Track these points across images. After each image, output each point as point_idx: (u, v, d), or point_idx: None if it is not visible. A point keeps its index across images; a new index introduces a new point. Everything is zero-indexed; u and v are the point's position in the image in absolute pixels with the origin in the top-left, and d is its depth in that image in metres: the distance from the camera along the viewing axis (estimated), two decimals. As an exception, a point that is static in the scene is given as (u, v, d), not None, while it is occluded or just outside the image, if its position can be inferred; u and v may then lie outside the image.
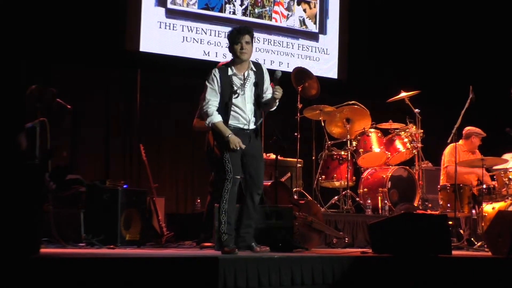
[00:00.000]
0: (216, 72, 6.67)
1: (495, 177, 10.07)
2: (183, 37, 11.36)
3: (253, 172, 6.77)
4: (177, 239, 8.86)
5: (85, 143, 10.68)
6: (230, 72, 6.69)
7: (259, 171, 6.82)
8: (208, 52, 11.52)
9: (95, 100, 10.87)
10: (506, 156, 10.30)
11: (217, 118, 6.59)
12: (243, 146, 6.61)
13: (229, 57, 6.90)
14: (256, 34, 11.72)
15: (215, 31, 11.64)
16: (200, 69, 9.92)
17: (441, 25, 13.30)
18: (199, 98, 8.19)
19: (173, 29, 11.28)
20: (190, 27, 11.43)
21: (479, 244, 9.22)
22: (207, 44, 11.55)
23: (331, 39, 12.76)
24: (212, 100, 6.60)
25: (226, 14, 11.79)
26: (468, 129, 10.29)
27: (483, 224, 9.37)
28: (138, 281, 5.09)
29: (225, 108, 6.60)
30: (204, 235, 7.95)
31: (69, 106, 8.39)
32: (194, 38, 11.45)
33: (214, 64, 8.46)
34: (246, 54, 6.69)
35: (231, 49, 6.70)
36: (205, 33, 11.54)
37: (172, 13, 11.27)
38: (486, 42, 13.45)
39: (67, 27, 10.35)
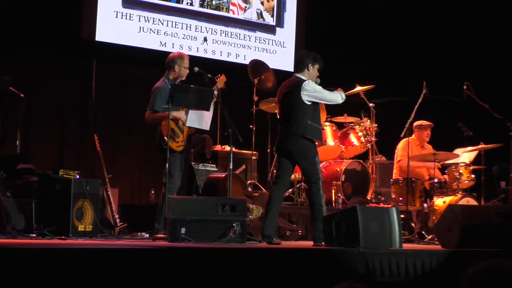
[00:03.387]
0: None
1: (446, 171, 10.21)
2: (140, 27, 11.30)
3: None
4: (130, 230, 8.85)
5: (38, 131, 10.58)
6: None
7: None
8: (165, 43, 11.48)
9: (49, 88, 10.75)
10: (458, 151, 10.43)
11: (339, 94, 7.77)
12: None
13: (185, 48, 6.92)
14: (213, 26, 11.90)
15: (172, 22, 11.60)
16: (156, 60, 9.93)
17: (396, 20, 13.39)
18: (151, 90, 8.22)
19: (130, 19, 11.22)
20: (147, 17, 11.37)
21: (429, 237, 9.32)
22: (164, 35, 11.50)
23: (288, 32, 12.80)
24: None
25: (183, 5, 11.75)
26: (414, 123, 10.39)
27: (434, 218, 9.49)
28: (89, 272, 5.06)
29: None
30: (157, 227, 7.93)
31: (22, 95, 8.32)
32: (150, 29, 11.40)
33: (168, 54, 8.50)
34: None
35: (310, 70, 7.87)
36: (162, 24, 11.50)
37: (128, 3, 11.21)
38: (440, 38, 13.58)
39: (24, 11, 10.25)
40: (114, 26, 11.09)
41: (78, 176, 8.18)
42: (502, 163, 11.57)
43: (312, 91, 7.66)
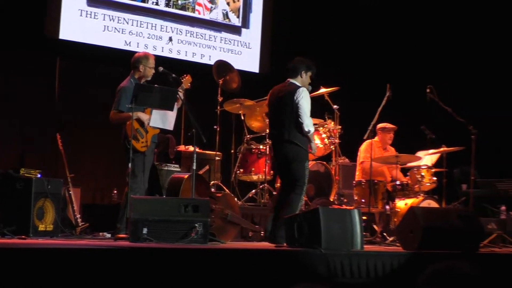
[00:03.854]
0: None
1: (408, 174, 10.28)
2: (104, 26, 11.25)
3: None
4: (92, 230, 8.80)
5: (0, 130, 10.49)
6: None
7: None
8: (130, 42, 11.44)
9: (12, 85, 10.64)
10: (420, 153, 10.51)
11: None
12: None
13: (150, 48, 6.92)
14: (178, 26, 11.87)
15: (137, 21, 11.56)
16: (121, 59, 9.88)
17: (360, 23, 13.46)
18: (116, 90, 8.19)
19: (94, 18, 11.17)
20: (112, 16, 11.32)
21: (391, 239, 9.38)
22: (129, 34, 11.46)
23: (253, 33, 12.82)
24: None
25: (148, 5, 11.72)
26: (378, 125, 10.46)
27: (395, 220, 9.56)
28: (49, 272, 5.03)
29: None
30: (119, 227, 7.90)
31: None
32: (115, 28, 11.35)
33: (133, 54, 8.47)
34: None
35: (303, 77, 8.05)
36: (127, 23, 11.45)
37: (93, 2, 11.15)
38: (404, 41, 13.67)
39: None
40: (78, 24, 11.03)
41: (39, 175, 8.10)
42: (463, 166, 11.67)
43: (300, 106, 7.78)
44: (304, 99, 7.77)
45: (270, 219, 7.91)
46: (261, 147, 10.25)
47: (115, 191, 9.96)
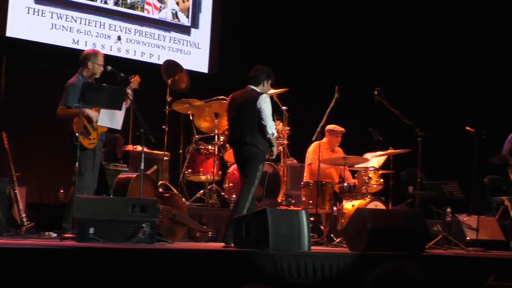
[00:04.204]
0: None
1: (356, 175, 10.36)
2: (52, 24, 11.13)
3: None
4: (38, 229, 8.70)
5: None
6: None
7: None
8: (78, 41, 11.33)
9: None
10: (367, 155, 10.60)
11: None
12: None
13: (99, 47, 6.88)
14: (127, 25, 11.81)
15: (86, 19, 11.46)
16: (69, 57, 9.79)
17: (310, 25, 13.53)
18: (64, 86, 8.11)
19: (42, 16, 11.04)
20: (60, 14, 11.20)
21: (338, 240, 9.44)
22: (77, 32, 11.36)
23: (203, 33, 12.79)
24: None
25: (97, 3, 11.62)
26: (327, 127, 10.53)
27: (342, 221, 9.63)
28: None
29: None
30: (65, 226, 7.81)
31: None
32: (63, 26, 11.24)
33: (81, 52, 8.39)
34: None
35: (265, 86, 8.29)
36: (75, 21, 11.34)
37: (41, -1, 11.05)
38: (352, 44, 13.77)
39: None
40: (25, 22, 10.90)
41: (-16, 174, 7.99)
42: (410, 168, 11.80)
43: (263, 110, 8.00)
44: (266, 104, 8.02)
45: None
46: (209, 147, 10.24)
47: (62, 191, 9.85)
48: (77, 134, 7.75)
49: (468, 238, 10.40)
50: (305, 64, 13.32)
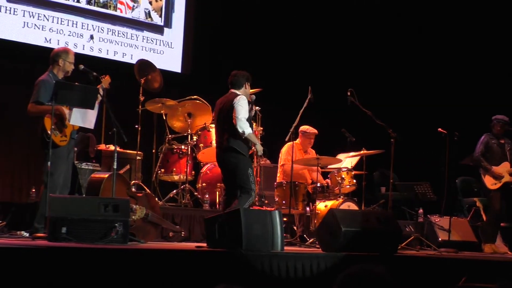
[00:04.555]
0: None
1: (329, 176, 10.38)
2: (24, 22, 11.04)
3: None
4: (9, 228, 8.61)
5: None
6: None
7: None
8: (50, 39, 11.25)
9: None
10: (341, 156, 10.63)
11: (250, 129, 8.20)
12: None
13: (71, 46, 6.83)
14: (100, 24, 11.74)
15: (58, 18, 11.38)
16: (40, 56, 9.71)
17: (283, 25, 13.54)
18: (34, 83, 8.04)
19: (14, 14, 10.95)
20: (32, 12, 11.12)
21: (311, 240, 9.46)
22: (49, 31, 11.28)
23: (176, 33, 12.76)
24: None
25: (70, 2, 11.55)
26: (300, 128, 10.54)
27: (315, 221, 9.64)
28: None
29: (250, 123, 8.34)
30: (37, 226, 7.74)
31: None
32: (35, 24, 11.15)
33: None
34: None
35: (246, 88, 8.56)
36: (47, 20, 11.26)
37: (13, -3, 10.95)
38: (325, 44, 13.81)
39: None
40: (-3, 20, 10.81)
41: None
42: (382, 169, 11.88)
43: (235, 109, 8.22)
44: (239, 104, 8.22)
45: None
46: (182, 147, 10.22)
47: (33, 190, 9.77)
48: (49, 131, 7.69)
49: (440, 239, 10.47)
50: (278, 64, 13.33)
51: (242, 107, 8.22)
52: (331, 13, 13.93)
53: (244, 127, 8.16)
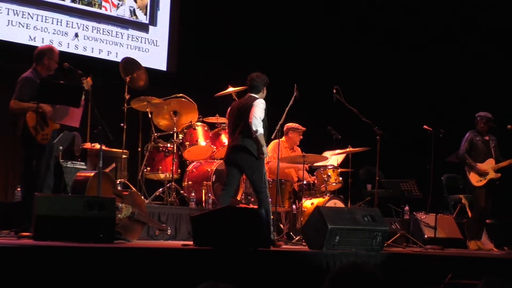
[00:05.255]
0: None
1: (315, 173, 10.38)
2: (8, 20, 10.99)
3: None
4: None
5: None
6: None
7: None
8: (34, 38, 11.19)
9: None
10: (327, 153, 10.64)
11: (262, 130, 8.30)
12: None
13: (56, 44, 6.79)
14: (84, 22, 11.69)
15: (42, 16, 11.33)
16: (25, 55, 9.64)
17: (268, 23, 13.52)
18: (17, 80, 8.00)
19: (-3, 12, 10.91)
20: (16, 10, 11.06)
21: (297, 238, 9.46)
22: (34, 29, 11.22)
23: (161, 31, 12.73)
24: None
25: (54, 0, 11.49)
26: (286, 125, 10.54)
27: (302, 219, 9.64)
28: None
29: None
30: (23, 225, 7.71)
31: None
32: (19, 22, 11.09)
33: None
34: None
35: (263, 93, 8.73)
36: (32, 18, 11.21)
37: (-3, -5, 10.89)
38: (311, 41, 13.81)
39: None
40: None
41: None
42: (369, 167, 11.89)
43: (254, 109, 8.34)
44: (258, 106, 8.39)
45: None
46: (168, 145, 10.20)
47: (19, 189, 9.72)
48: (31, 129, 7.65)
49: (426, 236, 10.50)
50: (263, 62, 13.30)
51: (260, 108, 8.37)
52: (316, 10, 13.94)
53: (258, 126, 8.28)
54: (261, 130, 8.30)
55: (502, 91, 13.01)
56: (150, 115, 10.29)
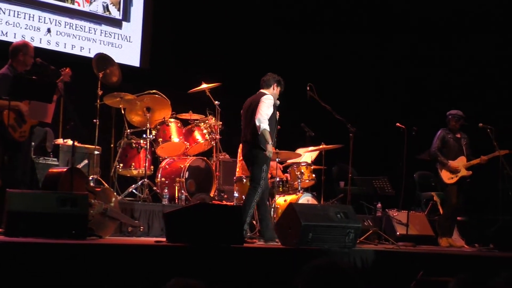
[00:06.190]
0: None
1: (288, 170, 10.40)
2: (-21, 15, 10.92)
3: None
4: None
5: None
6: None
7: None
8: (6, 33, 11.12)
9: None
10: (300, 150, 10.66)
11: (267, 126, 8.41)
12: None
13: (28, 39, 6.74)
14: (57, 18, 11.62)
15: (14, 11, 11.25)
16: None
17: (243, 20, 13.51)
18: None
19: (-32, 7, 10.83)
20: (-13, 5, 11.00)
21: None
22: (5, 24, 11.14)
23: (134, 27, 12.68)
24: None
25: (26, -5, 11.43)
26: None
27: (275, 216, 9.65)
28: None
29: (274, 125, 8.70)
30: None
31: None
32: (-9, 17, 11.02)
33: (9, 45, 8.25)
34: None
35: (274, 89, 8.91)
36: (3, 13, 11.13)
37: (-34, -10, 10.80)
38: (284, 39, 13.82)
39: None
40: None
41: None
42: (341, 164, 11.93)
43: (260, 105, 8.56)
44: (265, 101, 8.57)
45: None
46: (141, 141, 10.16)
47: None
48: (7, 126, 7.61)
49: (398, 233, 10.54)
50: (238, 58, 13.31)
51: (266, 104, 8.56)
52: (290, 7, 13.95)
53: (262, 121, 8.43)
54: (265, 126, 8.44)
55: (474, 90, 13.11)
56: (123, 111, 10.24)
